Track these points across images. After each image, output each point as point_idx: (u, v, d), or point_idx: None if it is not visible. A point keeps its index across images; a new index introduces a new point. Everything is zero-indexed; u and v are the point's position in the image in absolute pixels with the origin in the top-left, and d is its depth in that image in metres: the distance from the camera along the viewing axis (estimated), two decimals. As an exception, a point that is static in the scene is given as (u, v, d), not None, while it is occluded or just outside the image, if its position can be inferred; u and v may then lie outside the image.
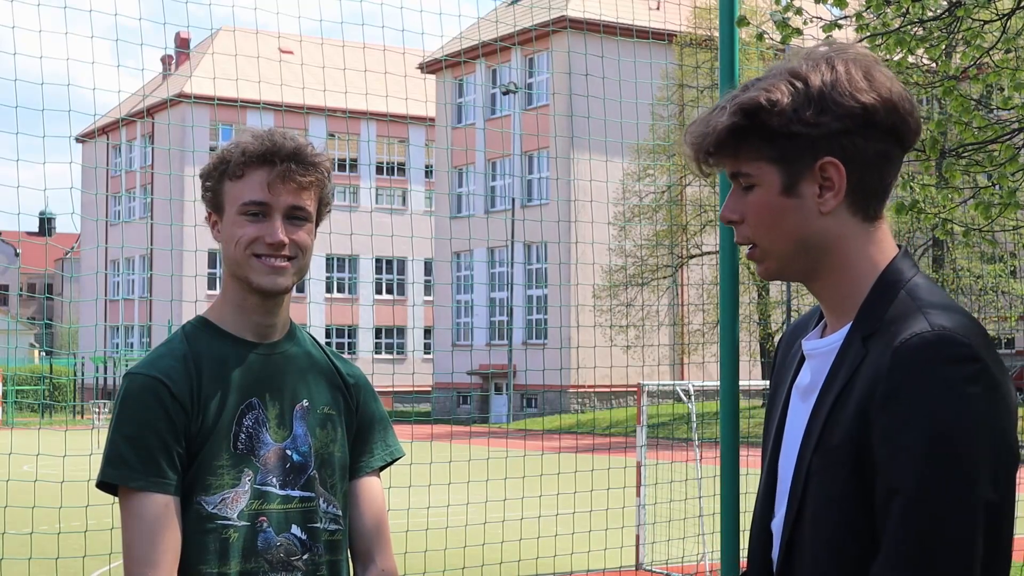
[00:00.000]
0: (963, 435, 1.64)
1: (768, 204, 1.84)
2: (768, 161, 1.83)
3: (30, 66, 10.94)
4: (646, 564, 11.61)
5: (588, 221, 21.88)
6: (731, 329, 4.54)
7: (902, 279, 1.82)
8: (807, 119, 1.78)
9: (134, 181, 59.54)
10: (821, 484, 1.77)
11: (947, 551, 1.63)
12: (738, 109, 1.82)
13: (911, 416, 1.66)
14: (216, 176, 2.49)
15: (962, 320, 1.73)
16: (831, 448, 1.75)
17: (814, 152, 1.80)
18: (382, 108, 47.14)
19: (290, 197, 2.46)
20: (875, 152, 1.81)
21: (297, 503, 2.48)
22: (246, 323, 2.52)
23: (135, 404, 2.39)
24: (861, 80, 1.79)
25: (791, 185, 1.82)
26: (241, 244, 2.45)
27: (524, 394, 43.22)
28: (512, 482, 10.92)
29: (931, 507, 1.63)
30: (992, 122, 7.96)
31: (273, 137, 2.48)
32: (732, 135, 1.84)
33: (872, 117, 1.79)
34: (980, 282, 34.64)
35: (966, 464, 1.64)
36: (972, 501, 1.63)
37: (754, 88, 1.84)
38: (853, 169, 1.80)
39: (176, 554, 2.35)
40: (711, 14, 35.51)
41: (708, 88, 33.49)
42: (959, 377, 1.66)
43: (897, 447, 1.66)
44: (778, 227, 1.84)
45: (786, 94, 1.80)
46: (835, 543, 1.75)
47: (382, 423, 2.69)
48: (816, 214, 1.82)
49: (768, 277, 1.90)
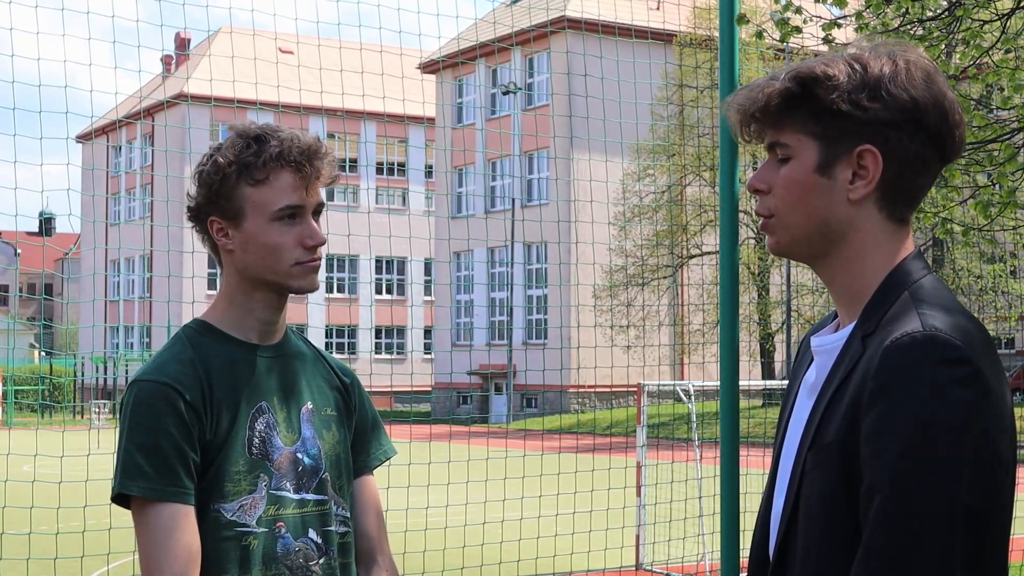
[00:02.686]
0: (945, 437, 1.63)
1: (800, 179, 1.84)
2: (810, 136, 1.83)
3: (28, 68, 10.95)
4: (646, 564, 11.60)
5: (588, 221, 21.91)
6: (731, 329, 4.53)
7: (909, 279, 1.80)
8: (858, 100, 1.78)
9: (133, 182, 59.56)
10: (813, 480, 1.77)
11: (922, 553, 1.61)
12: (795, 76, 1.82)
13: (894, 416, 1.65)
14: (228, 181, 2.40)
15: (959, 322, 1.71)
16: (824, 445, 1.76)
17: (856, 136, 1.79)
18: (381, 109, 47.14)
19: (317, 195, 2.45)
20: (916, 153, 1.80)
21: (312, 507, 2.45)
22: (251, 325, 2.48)
23: (147, 412, 2.33)
24: (919, 78, 1.79)
25: (827, 165, 1.82)
26: (285, 252, 2.41)
27: (524, 394, 43.23)
28: (512, 482, 10.91)
29: (906, 508, 1.63)
30: (992, 122, 7.95)
31: (283, 135, 2.43)
32: (782, 102, 1.83)
33: (921, 116, 1.78)
34: (980, 282, 34.63)
35: (945, 467, 1.62)
36: (949, 504, 1.62)
37: (813, 62, 1.84)
38: (890, 163, 1.79)
39: (197, 563, 2.30)
40: (711, 14, 35.51)
41: (708, 88, 33.49)
42: (947, 379, 1.64)
43: (879, 446, 1.66)
44: (804, 204, 1.84)
45: (843, 73, 1.80)
46: (825, 540, 1.75)
47: (375, 422, 2.68)
48: (844, 200, 1.82)
49: (776, 251, 1.90)
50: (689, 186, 37.47)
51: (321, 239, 2.43)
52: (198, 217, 2.47)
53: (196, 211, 2.47)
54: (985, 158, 7.92)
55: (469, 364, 45.61)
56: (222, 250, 2.47)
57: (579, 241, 25.62)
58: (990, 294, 35.83)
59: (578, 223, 30.67)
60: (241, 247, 2.43)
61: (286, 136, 2.42)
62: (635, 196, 38.50)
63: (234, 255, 2.45)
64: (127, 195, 60.10)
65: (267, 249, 2.41)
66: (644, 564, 11.58)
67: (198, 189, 2.45)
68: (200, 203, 2.45)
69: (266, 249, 2.41)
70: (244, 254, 2.43)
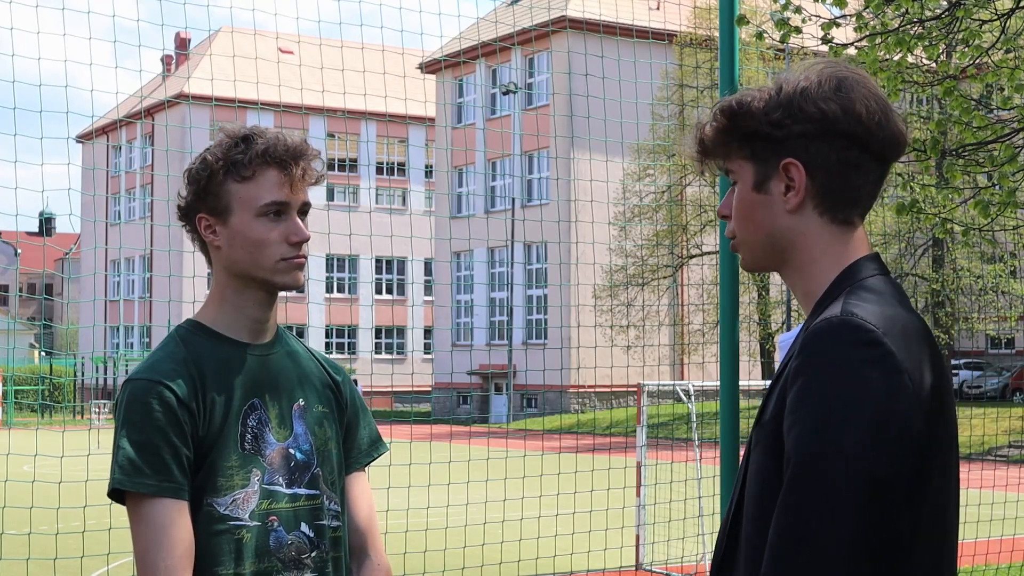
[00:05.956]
0: (851, 413, 1.73)
1: (744, 199, 2.00)
2: (745, 159, 1.99)
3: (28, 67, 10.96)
4: (646, 564, 11.61)
5: (588, 221, 21.91)
6: (731, 329, 4.54)
7: (855, 278, 1.92)
8: (775, 120, 1.93)
9: (134, 181, 59.56)
10: (754, 460, 1.90)
11: (824, 524, 1.70)
12: (720, 110, 2.00)
13: (807, 392, 1.77)
14: (215, 178, 2.46)
15: (884, 311, 1.83)
16: (763, 424, 1.89)
17: (780, 152, 1.94)
18: (381, 108, 47.15)
19: (303, 194, 2.50)
20: (839, 158, 1.92)
21: (304, 501, 2.50)
22: (243, 323, 2.52)
23: (140, 409, 2.37)
24: (828, 89, 1.92)
25: (761, 182, 1.97)
26: (270, 248, 2.46)
27: (524, 394, 43.23)
28: (512, 482, 10.92)
29: (813, 478, 1.72)
30: (992, 122, 7.96)
31: (270, 135, 2.48)
32: (716, 135, 2.00)
33: (833, 124, 1.91)
34: (980, 282, 34.62)
35: (849, 440, 1.72)
36: (854, 476, 1.70)
37: (740, 93, 2.01)
38: (815, 171, 1.92)
39: (191, 558, 2.34)
40: (711, 14, 35.51)
41: (708, 88, 33.49)
42: (857, 359, 1.76)
43: (794, 420, 1.78)
44: (750, 221, 1.99)
45: (759, 99, 1.96)
46: (761, 515, 1.84)
47: (367, 419, 2.73)
48: (783, 211, 1.96)
49: (746, 268, 2.06)
50: (689, 186, 37.44)
51: (305, 235, 2.48)
52: (188, 215, 2.52)
53: (186, 209, 2.52)
54: (985, 158, 7.92)
55: (469, 364, 45.61)
56: (211, 247, 2.52)
57: (579, 241, 25.64)
58: (990, 294, 35.82)
59: (578, 223, 30.68)
60: (228, 243, 2.48)
61: (273, 136, 2.48)
62: (635, 196, 38.51)
63: (221, 251, 2.50)
64: (127, 195, 60.11)
65: (252, 244, 2.46)
66: (644, 564, 11.58)
67: (188, 187, 2.51)
68: (189, 201, 2.51)
69: (251, 244, 2.46)
70: (231, 250, 2.48)
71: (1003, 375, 42.18)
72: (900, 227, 29.43)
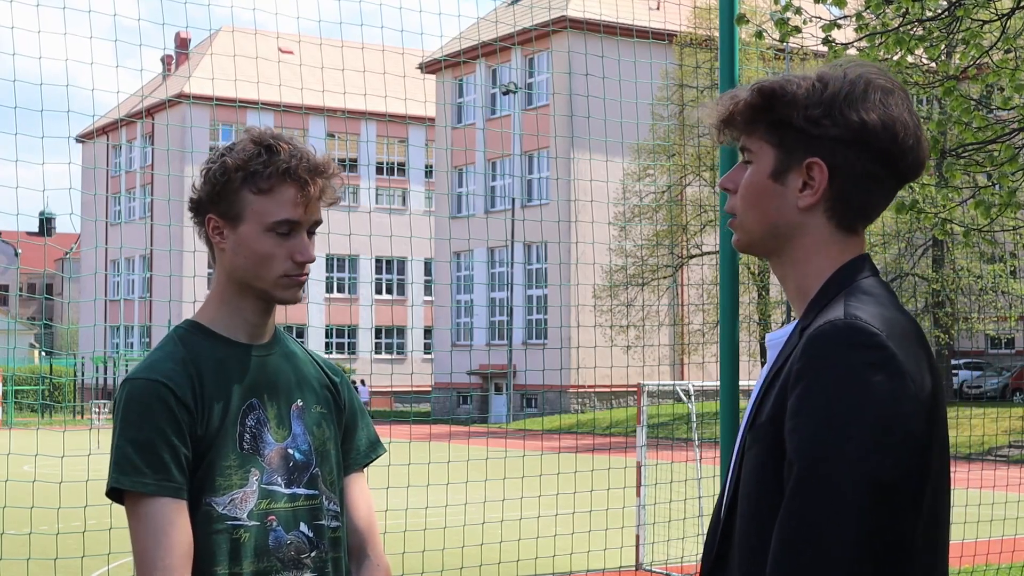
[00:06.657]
0: (855, 417, 1.72)
1: (757, 183, 1.97)
2: (769, 144, 1.96)
3: (29, 67, 10.96)
4: (646, 564, 11.61)
5: (588, 221, 21.89)
6: (731, 329, 4.54)
7: (850, 279, 1.92)
8: (812, 117, 1.91)
9: (134, 181, 59.55)
10: (750, 459, 1.88)
11: (828, 527, 1.70)
12: (759, 89, 1.96)
13: (811, 394, 1.76)
14: (232, 184, 2.45)
15: (884, 313, 1.83)
16: (759, 425, 1.87)
17: (807, 149, 1.92)
18: (382, 108, 47.14)
19: (316, 213, 2.50)
20: (864, 171, 1.91)
21: (303, 501, 2.50)
22: (241, 325, 2.53)
23: (139, 408, 2.38)
24: (875, 100, 1.90)
25: (780, 172, 1.95)
26: (274, 263, 2.46)
27: (524, 394, 43.23)
28: (512, 482, 10.92)
29: (817, 482, 1.72)
30: (992, 122, 7.95)
31: (295, 150, 2.46)
32: (748, 111, 1.97)
33: (869, 137, 1.89)
34: (980, 282, 34.62)
35: (853, 442, 1.72)
36: (858, 480, 1.70)
37: (783, 78, 1.98)
38: (837, 177, 1.91)
39: (190, 557, 2.34)
40: (711, 14, 35.51)
41: (708, 88, 33.48)
42: (860, 362, 1.75)
43: (797, 422, 1.77)
44: (758, 206, 1.97)
45: (803, 89, 1.93)
46: (755, 510, 1.84)
47: (365, 421, 2.74)
48: (794, 206, 1.94)
49: (738, 248, 2.05)
50: (689, 186, 37.46)
51: (311, 257, 2.49)
52: (198, 211, 2.52)
53: (197, 205, 2.52)
54: (985, 159, 7.92)
55: (469, 364, 45.60)
56: (216, 247, 2.52)
57: (579, 241, 25.64)
58: (990, 294, 35.82)
59: (578, 223, 30.67)
60: (233, 249, 2.48)
61: (297, 151, 2.46)
62: (635, 196, 38.50)
63: (226, 255, 2.50)
64: (127, 195, 60.10)
65: (257, 256, 2.46)
66: (644, 564, 11.58)
67: (203, 185, 2.50)
68: (202, 199, 2.50)
69: (256, 256, 2.46)
70: (235, 256, 2.48)
71: (1003, 375, 42.19)
72: (900, 227, 29.42)
